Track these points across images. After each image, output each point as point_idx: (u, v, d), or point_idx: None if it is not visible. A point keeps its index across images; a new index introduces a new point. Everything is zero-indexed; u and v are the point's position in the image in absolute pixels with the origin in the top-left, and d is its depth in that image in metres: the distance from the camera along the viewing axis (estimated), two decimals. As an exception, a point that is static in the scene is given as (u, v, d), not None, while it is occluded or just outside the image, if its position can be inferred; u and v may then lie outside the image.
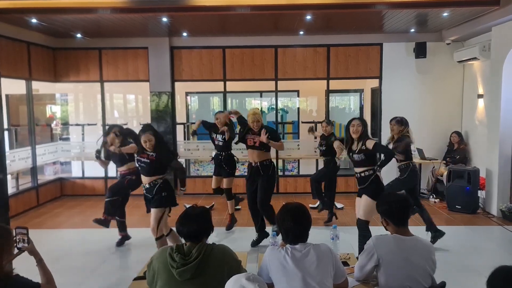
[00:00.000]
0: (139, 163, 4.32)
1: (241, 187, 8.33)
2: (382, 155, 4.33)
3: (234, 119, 5.92)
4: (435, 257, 2.57)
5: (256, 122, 5.12)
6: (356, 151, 4.21)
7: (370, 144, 4.13)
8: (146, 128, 4.36)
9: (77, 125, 8.91)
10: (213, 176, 6.31)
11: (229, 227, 5.95)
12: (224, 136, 5.93)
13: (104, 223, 5.25)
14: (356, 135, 4.22)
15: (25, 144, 7.65)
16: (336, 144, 5.05)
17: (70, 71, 8.20)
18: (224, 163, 6.04)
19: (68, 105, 9.46)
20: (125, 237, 5.47)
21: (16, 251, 2.32)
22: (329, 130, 6.37)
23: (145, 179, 4.29)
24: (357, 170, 4.30)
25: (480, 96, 7.39)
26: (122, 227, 5.47)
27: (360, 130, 4.21)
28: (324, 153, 6.35)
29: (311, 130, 6.88)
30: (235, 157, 6.17)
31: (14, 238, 2.31)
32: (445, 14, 6.42)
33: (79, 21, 6.69)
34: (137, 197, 7.83)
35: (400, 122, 5.29)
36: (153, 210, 4.25)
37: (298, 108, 10.01)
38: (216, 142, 6.09)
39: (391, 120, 5.41)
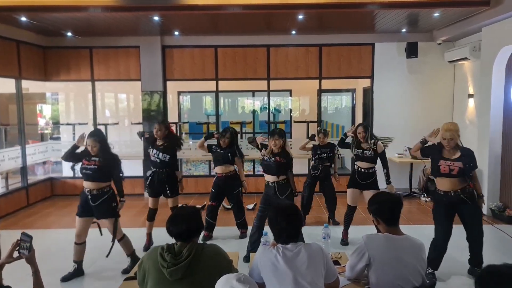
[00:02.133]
0: (83, 170, 4.32)
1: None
2: (382, 166, 5.13)
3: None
4: (425, 256, 2.58)
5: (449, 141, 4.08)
6: (367, 148, 5.08)
7: (380, 148, 5.07)
8: (92, 133, 4.44)
9: (67, 124, 8.83)
10: (150, 198, 5.36)
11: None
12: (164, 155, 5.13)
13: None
14: (362, 139, 5.12)
15: (14, 144, 7.57)
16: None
17: (61, 70, 8.13)
18: (168, 184, 5.23)
19: (59, 104, 9.37)
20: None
21: (16, 254, 2.32)
22: (325, 141, 6.06)
23: (91, 185, 4.29)
24: (363, 165, 5.12)
25: (470, 96, 7.45)
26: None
27: (364, 136, 5.09)
28: (325, 160, 6.04)
29: (312, 138, 6.24)
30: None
31: (18, 242, 2.32)
32: (436, 14, 6.47)
33: (70, 20, 6.63)
34: (130, 197, 7.80)
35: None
36: (108, 221, 4.36)
37: (290, 109, 10.02)
38: (153, 158, 5.18)
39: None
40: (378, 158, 5.14)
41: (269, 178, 4.63)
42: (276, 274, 2.31)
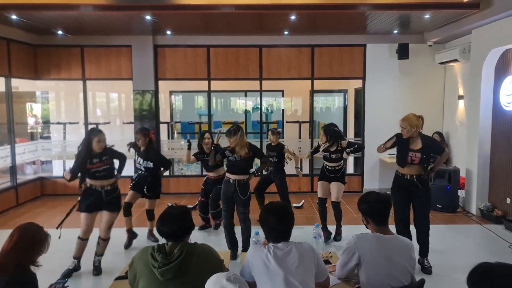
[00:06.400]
0: (96, 173, 4.38)
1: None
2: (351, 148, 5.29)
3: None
4: (415, 255, 2.61)
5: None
6: (333, 151, 5.26)
7: (344, 143, 5.23)
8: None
9: (58, 123, 8.77)
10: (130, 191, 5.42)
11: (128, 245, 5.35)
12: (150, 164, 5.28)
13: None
14: (322, 142, 5.33)
15: (4, 143, 7.49)
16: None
17: (51, 69, 8.06)
18: (150, 186, 5.38)
19: (49, 103, 9.30)
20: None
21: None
22: (274, 139, 6.11)
23: (105, 182, 4.42)
24: (332, 165, 5.35)
25: (460, 97, 7.53)
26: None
27: (324, 139, 5.26)
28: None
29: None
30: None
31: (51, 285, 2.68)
32: (427, 16, 6.53)
33: (61, 18, 6.58)
34: (123, 197, 7.74)
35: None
36: (114, 214, 4.53)
37: (283, 110, 10.05)
38: (138, 166, 5.39)
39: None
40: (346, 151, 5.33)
41: (231, 176, 4.71)
42: (267, 273, 2.32)
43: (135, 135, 5.31)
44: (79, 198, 4.41)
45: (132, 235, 5.39)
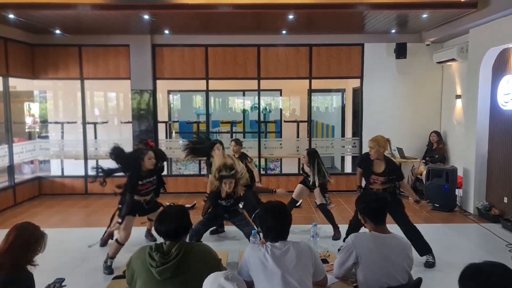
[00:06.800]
0: (144, 195, 4.67)
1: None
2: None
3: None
4: (412, 254, 2.62)
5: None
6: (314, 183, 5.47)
7: (317, 181, 5.40)
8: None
9: (56, 123, 8.75)
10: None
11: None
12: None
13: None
14: (302, 161, 5.60)
15: (1, 142, 7.47)
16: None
17: (49, 68, 8.04)
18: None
19: (47, 103, 9.28)
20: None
21: None
22: (237, 150, 5.82)
23: (148, 197, 4.73)
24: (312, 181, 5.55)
25: (458, 96, 7.55)
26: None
27: (305, 160, 5.48)
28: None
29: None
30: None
31: (49, 285, 2.67)
32: (425, 15, 6.54)
33: (58, 17, 6.57)
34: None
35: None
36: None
37: (281, 109, 10.05)
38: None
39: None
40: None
41: (223, 202, 4.58)
42: (265, 272, 2.32)
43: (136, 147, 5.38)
44: (119, 206, 4.59)
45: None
